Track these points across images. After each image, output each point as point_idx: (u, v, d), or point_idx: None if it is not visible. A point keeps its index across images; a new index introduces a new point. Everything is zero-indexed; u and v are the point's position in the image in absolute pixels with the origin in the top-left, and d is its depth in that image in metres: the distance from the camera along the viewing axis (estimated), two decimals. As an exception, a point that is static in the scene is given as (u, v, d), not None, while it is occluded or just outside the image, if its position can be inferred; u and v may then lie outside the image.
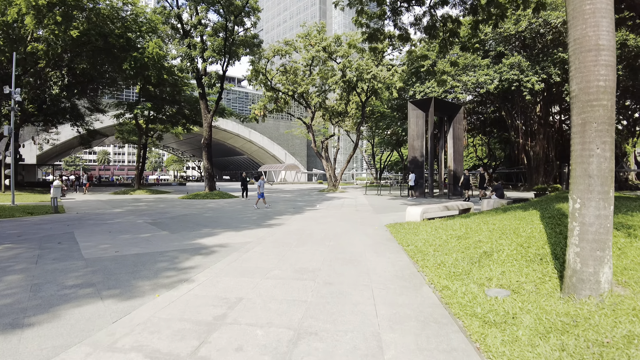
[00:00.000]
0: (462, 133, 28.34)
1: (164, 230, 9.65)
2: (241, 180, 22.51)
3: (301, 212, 14.32)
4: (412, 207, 10.95)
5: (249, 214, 13.59)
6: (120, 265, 5.86)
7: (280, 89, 32.95)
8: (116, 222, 11.49)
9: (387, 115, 40.98)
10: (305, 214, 13.34)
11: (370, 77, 27.02)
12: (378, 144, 57.60)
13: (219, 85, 24.24)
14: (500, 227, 6.78)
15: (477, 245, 5.92)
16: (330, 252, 6.63)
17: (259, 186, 16.53)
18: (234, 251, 6.80)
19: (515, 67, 29.29)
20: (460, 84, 30.74)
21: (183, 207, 16.79)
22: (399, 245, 7.22)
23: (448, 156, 27.77)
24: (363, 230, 9.29)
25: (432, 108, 25.39)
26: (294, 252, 6.64)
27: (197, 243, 7.72)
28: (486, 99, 40.75)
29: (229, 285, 4.67)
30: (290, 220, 11.41)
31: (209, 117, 24.24)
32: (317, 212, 14.00)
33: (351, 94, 32.25)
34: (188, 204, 19.15)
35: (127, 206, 17.64)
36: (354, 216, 12.55)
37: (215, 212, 14.45)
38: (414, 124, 26.32)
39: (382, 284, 4.72)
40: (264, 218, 12.23)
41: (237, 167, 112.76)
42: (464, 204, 12.63)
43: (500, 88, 30.10)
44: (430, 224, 9.05)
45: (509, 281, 4.41)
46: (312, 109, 34.97)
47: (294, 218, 12.15)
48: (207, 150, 24.24)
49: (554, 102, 37.67)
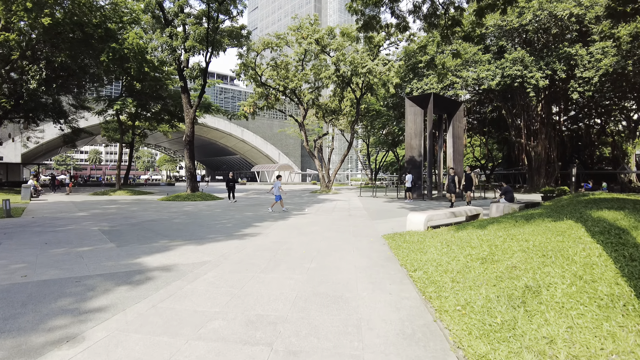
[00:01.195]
0: (462, 132, 26.71)
1: (112, 242, 7.86)
2: (227, 180, 20.39)
3: (286, 217, 12.56)
4: (414, 213, 9.23)
5: (225, 220, 11.80)
6: (5, 302, 4.08)
7: (270, 85, 31.18)
8: (66, 230, 9.69)
9: (383, 113, 39.32)
10: (289, 220, 11.57)
11: (366, 71, 25.31)
12: (373, 143, 55.96)
13: (202, 77, 22.38)
14: (536, 245, 5.05)
15: (512, 275, 4.19)
16: (307, 282, 4.84)
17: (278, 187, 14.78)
18: (177, 278, 5.01)
19: (518, 63, 27.73)
20: (460, 80, 29.12)
21: (155, 211, 14.98)
22: (402, 269, 5.44)
23: (447, 156, 26.13)
24: (355, 243, 7.54)
25: (431, 104, 23.71)
26: (257, 283, 4.83)
27: (137, 263, 5.93)
28: (485, 97, 39.25)
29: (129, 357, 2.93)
30: (269, 229, 9.64)
31: (191, 112, 22.41)
32: (304, 218, 12.24)
33: (345, 90, 30.54)
34: (164, 206, 17.33)
35: (97, 209, 15.80)
36: (345, 223, 10.80)
37: (188, 217, 12.65)
38: (411, 121, 24.64)
39: (382, 353, 2.97)
40: (240, 226, 10.45)
41: (230, 167, 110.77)
42: (472, 209, 10.92)
43: (503, 84, 28.52)
44: (439, 236, 7.33)
45: (587, 349, 2.69)
46: (305, 106, 33.22)
47: (275, 225, 10.39)
48: (189, 148, 22.41)
49: (556, 101, 36.19)
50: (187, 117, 22.48)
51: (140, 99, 32.61)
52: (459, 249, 5.77)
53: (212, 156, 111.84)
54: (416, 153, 24.20)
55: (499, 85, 28.26)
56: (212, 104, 31.87)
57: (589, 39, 27.60)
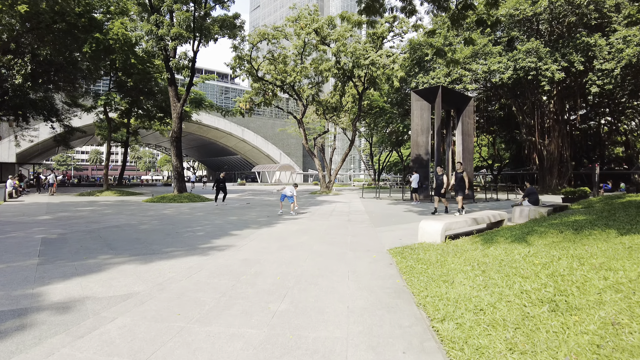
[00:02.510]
0: (472, 128, 24.81)
1: (41, 257, 6.05)
2: (215, 180, 18.18)
3: (273, 223, 10.72)
4: (428, 221, 7.34)
5: (200, 227, 9.96)
6: None
7: (267, 80, 29.37)
8: (5, 237, 7.94)
9: (387, 110, 37.42)
10: (275, 227, 9.73)
11: (368, 63, 23.43)
12: (377, 143, 54.04)
13: (190, 68, 20.57)
14: (633, 278, 3.20)
15: (620, 342, 2.36)
16: (265, 347, 2.94)
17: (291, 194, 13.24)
18: (65, 329, 3.14)
19: (532, 54, 25.80)
20: (469, 73, 27.21)
21: (129, 215, 13.17)
22: (421, 315, 3.50)
23: (456, 154, 24.26)
24: (352, 263, 5.65)
25: (439, 98, 21.82)
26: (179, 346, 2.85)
27: (35, 294, 4.09)
28: (494, 94, 37.36)
29: None
30: (247, 240, 7.80)
31: (178, 107, 20.62)
32: (294, 224, 10.39)
33: (347, 85, 28.70)
34: (143, 209, 15.53)
35: (67, 212, 14.01)
36: (342, 231, 8.93)
37: (159, 223, 10.83)
38: (418, 117, 22.77)
39: None
40: (214, 234, 8.62)
41: (231, 167, 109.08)
42: (494, 214, 9.04)
43: (515, 78, 26.61)
44: (464, 253, 5.47)
45: None
46: (304, 103, 31.40)
47: (256, 234, 8.56)
48: (176, 145, 20.62)
49: (570, 97, 34.18)
50: (174, 111, 20.70)
51: (130, 95, 30.95)
52: (502, 279, 3.88)
53: (212, 156, 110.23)
54: (423, 151, 22.32)
55: (510, 78, 26.36)
56: (205, 99, 30.04)
57: (608, 29, 25.65)
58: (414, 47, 31.64)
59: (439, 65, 29.04)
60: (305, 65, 28.13)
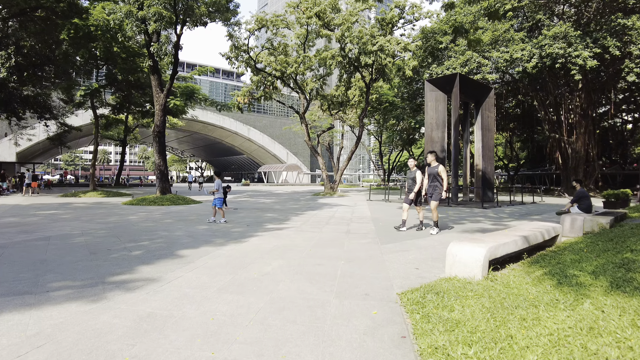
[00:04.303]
0: (492, 122, 22.13)
1: None
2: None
3: (248, 235, 8.28)
4: (463, 244, 4.74)
5: (148, 241, 7.53)
6: None
7: (265, 70, 27.00)
8: None
9: (397, 105, 34.78)
10: (245, 243, 7.28)
11: (377, 49, 20.91)
12: (386, 142, 51.40)
13: (173, 54, 18.27)
14: None
15: None
16: None
17: (216, 189, 10.70)
18: None
19: (560, 39, 23.02)
20: (489, 62, 24.51)
21: (86, 220, 10.86)
22: None
23: (475, 152, 21.62)
24: (335, 327, 3.15)
25: (456, 88, 19.21)
26: None
27: None
28: (512, 88, 34.54)
29: None
30: (187, 267, 5.34)
31: (161, 97, 18.34)
32: (273, 238, 7.93)
33: (353, 77, 26.18)
34: (110, 212, 13.22)
35: (20, 216, 11.75)
36: (334, 252, 6.40)
37: (107, 233, 8.46)
38: (432, 109, 20.18)
39: None
40: (154, 255, 6.19)
41: (239, 167, 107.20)
42: (548, 228, 6.47)
43: (540, 67, 23.84)
44: (537, 313, 2.96)
45: None
46: (307, 97, 28.99)
47: (210, 256, 6.12)
48: (159, 140, 18.32)
49: (598, 90, 31.20)
50: (157, 102, 18.42)
51: (122, 89, 28.87)
52: None
53: (218, 156, 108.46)
54: (438, 148, 19.69)
55: (535, 67, 23.58)
56: (198, 92, 27.72)
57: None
58: (427, 36, 29.02)
59: (455, 54, 26.38)
60: (308, 55, 25.70)
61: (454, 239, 7.27)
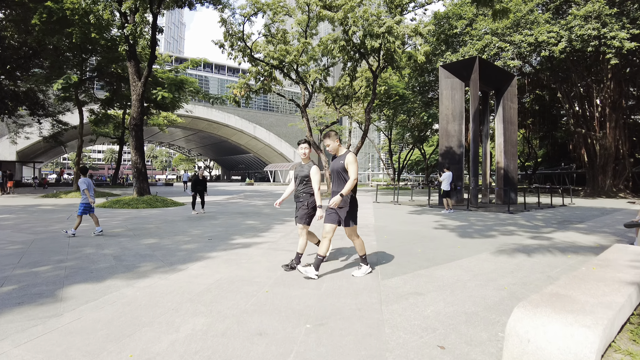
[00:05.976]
0: (515, 114, 19.53)
1: None
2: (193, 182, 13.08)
3: (199, 256, 5.95)
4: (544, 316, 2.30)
5: (51, 266, 5.26)
6: None
7: (262, 60, 24.65)
8: None
9: (408, 98, 32.16)
10: (178, 275, 4.92)
11: (385, 30, 18.40)
12: (396, 139, 48.72)
13: (151, 37, 16.01)
14: None
15: None
16: None
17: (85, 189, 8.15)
18: None
19: (592, 19, 20.28)
20: (510, 47, 21.84)
21: (21, 229, 8.67)
22: None
23: (496, 147, 19.05)
24: None
25: (475, 73, 16.70)
26: None
27: None
28: (531, 80, 31.81)
29: None
30: (34, 331, 3.05)
31: (139, 86, 16.09)
32: (224, 265, 5.54)
33: (359, 65, 23.67)
34: (72, 218, 11.01)
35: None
36: (300, 301, 3.86)
37: (14, 251, 6.20)
38: (448, 99, 17.66)
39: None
40: (19, 295, 3.90)
41: (247, 166, 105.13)
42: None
43: (569, 51, 21.13)
44: None
45: None
46: (309, 88, 26.59)
47: (105, 300, 3.82)
48: (136, 135, 16.07)
49: (630, 81, 28.26)
50: (134, 92, 16.18)
51: (109, 82, 26.81)
52: None
53: (225, 155, 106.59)
54: (455, 143, 17.19)
55: (563, 52, 20.86)
56: (187, 83, 25.43)
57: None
58: (440, 22, 26.45)
59: (471, 39, 23.74)
60: (308, 41, 23.29)
61: (489, 265, 4.82)
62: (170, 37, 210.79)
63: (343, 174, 4.57)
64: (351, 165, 4.49)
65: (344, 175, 4.56)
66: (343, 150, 4.71)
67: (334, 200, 4.37)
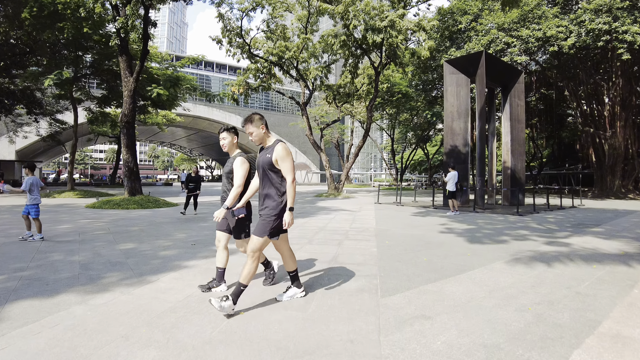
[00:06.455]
0: (522, 112, 18.80)
1: None
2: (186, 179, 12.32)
3: (175, 265, 5.29)
4: None
5: (5, 276, 4.62)
6: None
7: (261, 56, 23.99)
8: None
9: (411, 95, 31.42)
10: (143, 290, 4.26)
11: (387, 24, 17.72)
12: (399, 139, 47.95)
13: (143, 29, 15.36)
14: None
15: None
16: None
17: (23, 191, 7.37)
18: None
19: (603, 13, 19.53)
20: (518, 42, 21.10)
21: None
22: None
23: (503, 146, 18.31)
24: None
25: (482, 69, 15.98)
26: None
27: None
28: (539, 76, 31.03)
29: None
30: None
31: (130, 82, 15.46)
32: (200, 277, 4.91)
33: (360, 60, 22.99)
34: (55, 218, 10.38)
35: None
36: (278, 330, 3.20)
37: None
38: (453, 95, 16.96)
39: None
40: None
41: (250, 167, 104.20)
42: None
43: (579, 46, 20.38)
44: None
45: None
46: (309, 86, 25.93)
47: (45, 323, 3.18)
48: (127, 132, 15.44)
49: (639, 77, 27.43)
50: (126, 88, 15.55)
51: (106, 79, 26.21)
52: None
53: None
54: (460, 141, 16.47)
55: (573, 47, 20.11)
56: (183, 80, 24.77)
57: None
58: (444, 17, 25.73)
59: (476, 35, 23.01)
60: (309, 37, 22.61)
61: (505, 278, 4.11)
62: (173, 37, 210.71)
63: (270, 172, 3.44)
64: (283, 160, 3.36)
65: (272, 175, 3.44)
66: (272, 140, 3.56)
67: (286, 219, 3.37)
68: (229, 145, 4.08)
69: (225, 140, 4.06)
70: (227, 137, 4.04)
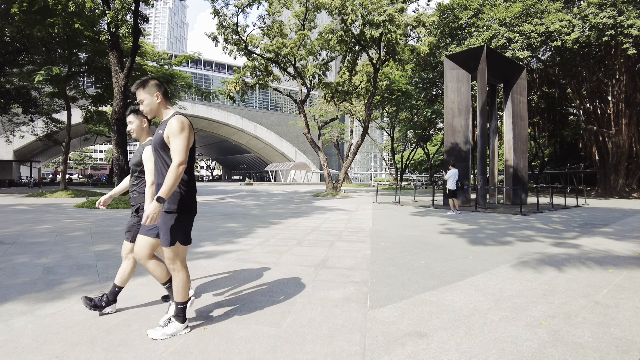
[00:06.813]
0: (525, 109, 18.32)
1: None
2: None
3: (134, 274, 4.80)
4: None
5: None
6: None
7: (257, 53, 23.51)
8: None
9: (411, 93, 30.91)
10: (78, 308, 3.80)
11: (385, 18, 17.22)
12: (399, 138, 47.43)
13: (133, 24, 14.90)
14: None
15: None
16: None
17: None
18: None
19: (607, 7, 19.02)
20: (520, 37, 20.59)
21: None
22: None
23: (505, 144, 17.81)
24: None
25: (483, 63, 15.48)
26: None
27: None
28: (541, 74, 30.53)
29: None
30: None
31: (121, 78, 14.99)
32: (161, 288, 4.43)
33: (359, 57, 22.49)
34: (39, 218, 9.92)
35: None
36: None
37: None
38: (453, 91, 16.47)
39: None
40: None
41: (248, 166, 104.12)
42: None
43: (585, 40, 19.85)
44: None
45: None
46: (307, 83, 25.44)
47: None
48: (118, 130, 14.96)
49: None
50: (116, 84, 15.09)
51: (100, 77, 25.77)
52: None
53: (226, 155, 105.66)
54: (461, 139, 15.98)
55: (577, 42, 19.61)
56: (178, 77, 24.25)
57: None
58: (444, 13, 25.23)
59: (477, 30, 22.51)
60: (306, 33, 22.12)
61: (512, 285, 3.61)
62: (173, 37, 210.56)
63: (163, 153, 2.68)
64: (175, 137, 2.57)
65: (165, 158, 2.67)
66: (169, 113, 2.77)
67: (147, 211, 2.49)
68: (137, 129, 3.22)
69: (132, 125, 3.22)
70: (134, 120, 3.21)
